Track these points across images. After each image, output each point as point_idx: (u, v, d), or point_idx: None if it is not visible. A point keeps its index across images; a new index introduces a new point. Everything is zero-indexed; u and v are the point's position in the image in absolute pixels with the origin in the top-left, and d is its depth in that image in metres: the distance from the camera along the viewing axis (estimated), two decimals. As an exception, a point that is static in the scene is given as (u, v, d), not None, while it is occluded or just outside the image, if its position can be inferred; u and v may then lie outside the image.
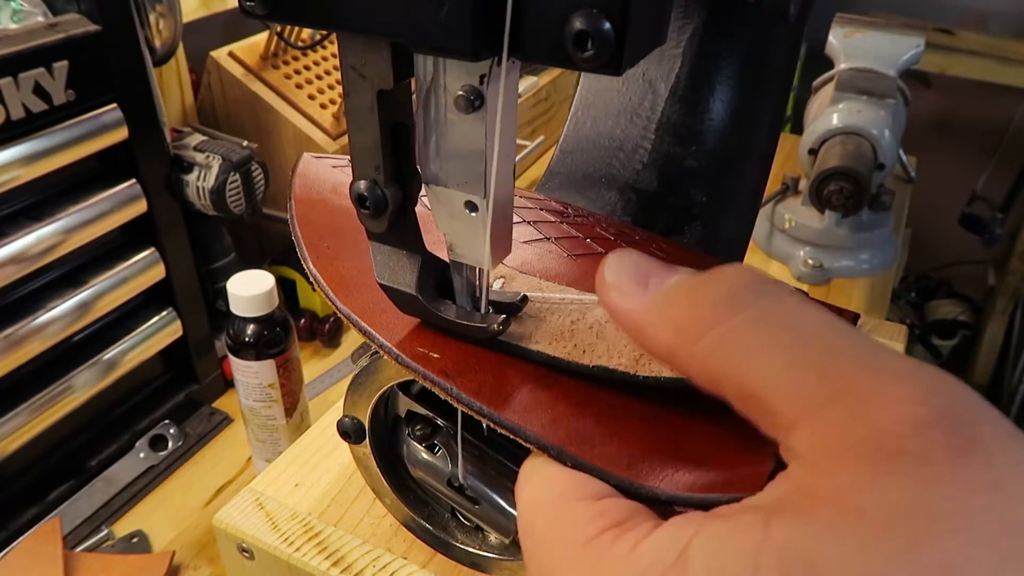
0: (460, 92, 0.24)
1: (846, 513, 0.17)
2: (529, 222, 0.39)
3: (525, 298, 0.31)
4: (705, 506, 0.21)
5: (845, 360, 0.19)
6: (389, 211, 0.28)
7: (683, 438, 0.24)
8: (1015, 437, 0.18)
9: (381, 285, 0.30)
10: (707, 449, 0.23)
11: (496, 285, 0.34)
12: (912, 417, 0.18)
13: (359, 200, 0.28)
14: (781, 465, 0.20)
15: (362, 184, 0.28)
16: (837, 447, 0.18)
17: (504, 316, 0.29)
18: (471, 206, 0.27)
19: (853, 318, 0.34)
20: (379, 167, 0.27)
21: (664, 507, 0.23)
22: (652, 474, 0.24)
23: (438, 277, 0.31)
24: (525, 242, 0.37)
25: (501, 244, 0.28)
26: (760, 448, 0.23)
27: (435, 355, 0.30)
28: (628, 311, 0.23)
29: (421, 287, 0.30)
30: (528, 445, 0.26)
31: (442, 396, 0.29)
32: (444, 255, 0.30)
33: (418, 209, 0.29)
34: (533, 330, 0.30)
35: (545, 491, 0.24)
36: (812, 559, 0.17)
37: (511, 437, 0.26)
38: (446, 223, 0.28)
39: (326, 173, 0.42)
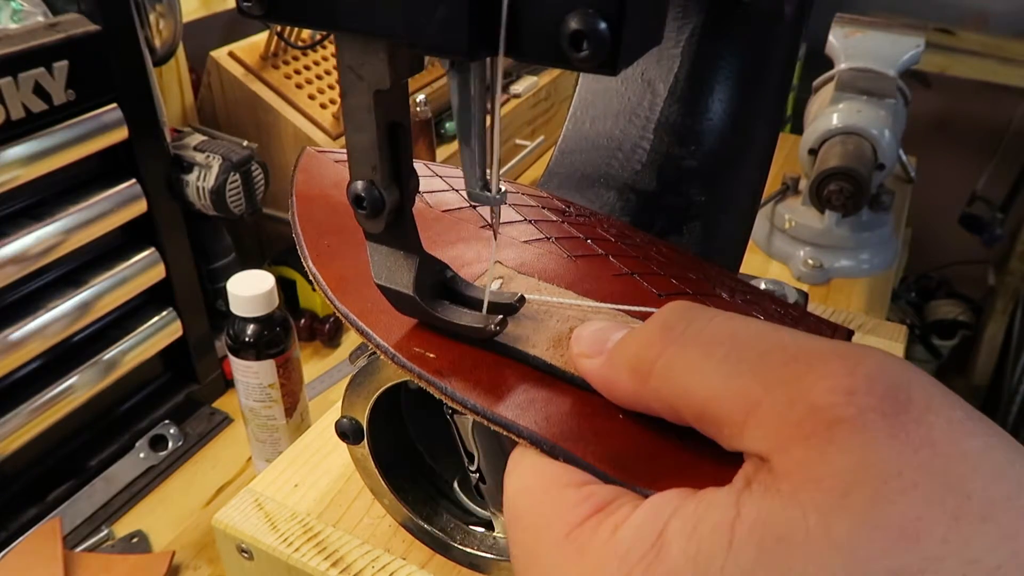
0: None
1: (805, 486, 0.18)
2: (530, 220, 0.39)
3: (523, 299, 0.31)
4: None
5: (775, 356, 0.20)
6: (386, 212, 0.28)
7: (678, 442, 0.24)
8: (945, 395, 0.19)
9: (378, 286, 0.30)
10: (701, 453, 0.23)
11: (495, 285, 0.34)
12: (841, 387, 0.19)
13: (356, 201, 0.28)
14: None
15: (359, 185, 0.28)
16: (784, 431, 0.19)
17: (501, 316, 0.29)
18: None
19: (847, 335, 0.34)
20: (376, 167, 0.27)
21: None
22: (645, 476, 0.24)
23: (435, 278, 0.31)
24: (525, 241, 0.37)
25: None
26: None
27: (431, 355, 0.30)
28: (594, 372, 0.26)
29: (418, 288, 0.30)
30: (521, 441, 0.26)
31: (437, 395, 0.29)
32: (441, 255, 0.30)
33: (416, 208, 0.29)
34: (531, 332, 0.30)
35: (532, 478, 0.24)
36: (782, 534, 0.18)
37: (505, 434, 0.26)
38: None
39: (329, 168, 0.42)
